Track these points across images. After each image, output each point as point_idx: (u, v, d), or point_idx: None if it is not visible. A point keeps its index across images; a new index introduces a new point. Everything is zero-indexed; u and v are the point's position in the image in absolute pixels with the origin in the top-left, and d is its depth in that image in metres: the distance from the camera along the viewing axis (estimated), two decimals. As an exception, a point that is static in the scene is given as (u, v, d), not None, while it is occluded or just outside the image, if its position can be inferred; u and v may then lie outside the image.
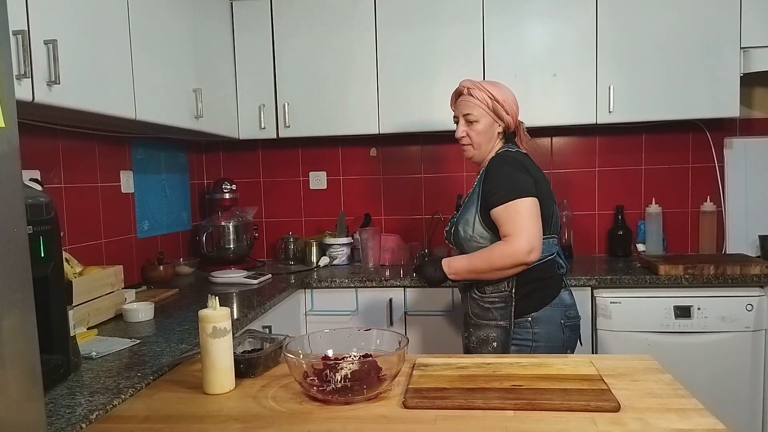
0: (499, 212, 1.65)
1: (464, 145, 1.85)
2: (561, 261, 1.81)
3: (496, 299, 1.73)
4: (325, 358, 1.17)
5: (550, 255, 1.74)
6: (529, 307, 1.71)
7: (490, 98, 1.79)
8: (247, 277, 2.41)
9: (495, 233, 1.69)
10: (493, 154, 1.82)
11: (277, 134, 2.75)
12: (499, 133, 1.83)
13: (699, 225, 2.78)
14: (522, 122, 1.92)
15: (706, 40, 2.45)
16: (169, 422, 1.04)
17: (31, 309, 0.83)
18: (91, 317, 1.69)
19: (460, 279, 1.74)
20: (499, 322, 1.72)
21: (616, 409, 1.01)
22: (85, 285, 1.68)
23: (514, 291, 1.71)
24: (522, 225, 1.61)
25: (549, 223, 1.73)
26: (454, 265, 1.72)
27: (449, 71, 2.61)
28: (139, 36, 1.86)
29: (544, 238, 1.67)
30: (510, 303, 1.71)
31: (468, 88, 1.82)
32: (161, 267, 2.41)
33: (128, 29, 1.81)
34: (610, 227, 2.85)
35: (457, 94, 1.87)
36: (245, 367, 1.22)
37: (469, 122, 1.81)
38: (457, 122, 1.86)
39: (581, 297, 2.34)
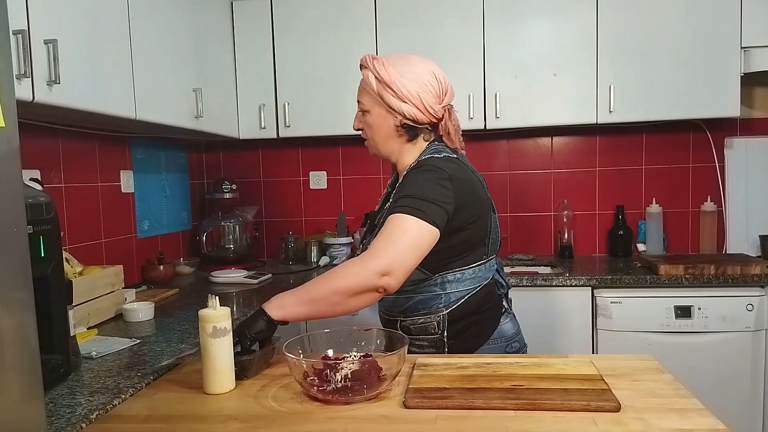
0: (387, 221, 1.27)
1: (365, 139, 1.47)
2: (502, 280, 1.49)
3: (425, 343, 1.41)
4: (326, 357, 1.17)
5: (487, 280, 1.42)
6: (463, 350, 1.39)
7: (376, 79, 1.37)
8: (248, 276, 2.41)
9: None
10: (416, 155, 1.41)
11: (278, 134, 2.75)
12: (398, 127, 1.39)
13: (699, 225, 2.78)
14: (451, 109, 1.45)
15: (707, 39, 2.45)
16: (170, 422, 1.04)
17: (31, 309, 0.83)
18: (91, 317, 1.69)
19: (295, 318, 1.25)
20: None
21: (617, 409, 1.00)
22: (85, 285, 1.68)
23: (445, 333, 1.39)
24: (392, 243, 1.22)
25: (487, 243, 1.42)
26: (282, 300, 1.23)
27: (449, 71, 2.58)
28: (139, 36, 1.86)
29: (476, 265, 1.39)
30: (442, 348, 1.40)
31: (363, 66, 1.40)
32: (161, 267, 2.41)
33: (128, 29, 1.81)
34: (611, 227, 2.85)
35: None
36: (238, 370, 1.21)
37: (362, 111, 1.42)
38: None
39: (582, 297, 2.34)
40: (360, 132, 1.46)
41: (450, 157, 1.39)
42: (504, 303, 1.50)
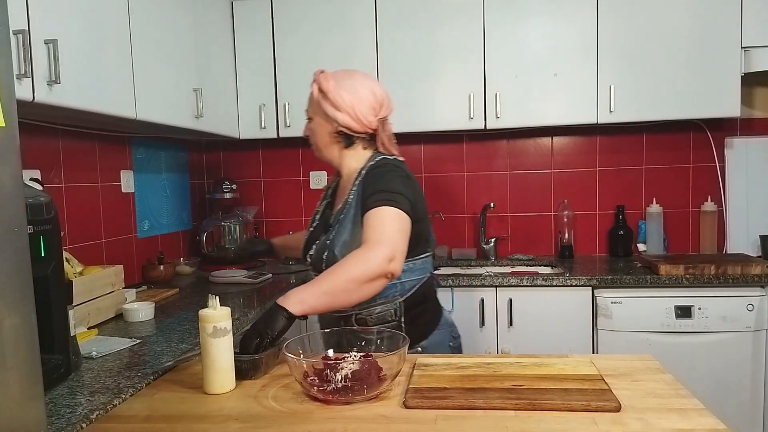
0: (368, 216, 1.36)
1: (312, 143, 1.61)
2: (436, 279, 1.65)
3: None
4: (326, 357, 1.17)
5: (430, 272, 1.58)
6: (418, 336, 1.49)
7: (317, 90, 1.52)
8: (248, 276, 2.41)
9: None
10: (362, 161, 1.54)
11: (278, 134, 2.75)
12: (334, 134, 1.52)
13: (700, 225, 2.78)
14: (385, 121, 1.56)
15: (707, 39, 2.45)
16: (170, 422, 1.04)
17: (31, 309, 0.83)
18: (91, 317, 1.69)
19: (316, 311, 1.31)
20: None
21: (617, 409, 1.00)
22: (85, 285, 1.68)
23: (402, 319, 1.49)
24: (387, 232, 1.33)
25: (429, 239, 1.56)
26: (299, 296, 1.26)
27: (450, 71, 2.61)
28: (139, 35, 1.86)
29: (424, 256, 1.52)
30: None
31: (314, 78, 1.54)
32: (161, 267, 2.41)
33: (129, 29, 1.81)
34: (611, 227, 2.85)
35: None
36: (248, 368, 1.22)
37: (308, 119, 1.58)
38: None
39: (582, 297, 2.34)
40: (306, 136, 1.60)
41: (398, 161, 1.54)
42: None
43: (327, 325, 1.49)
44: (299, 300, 1.25)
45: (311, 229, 1.64)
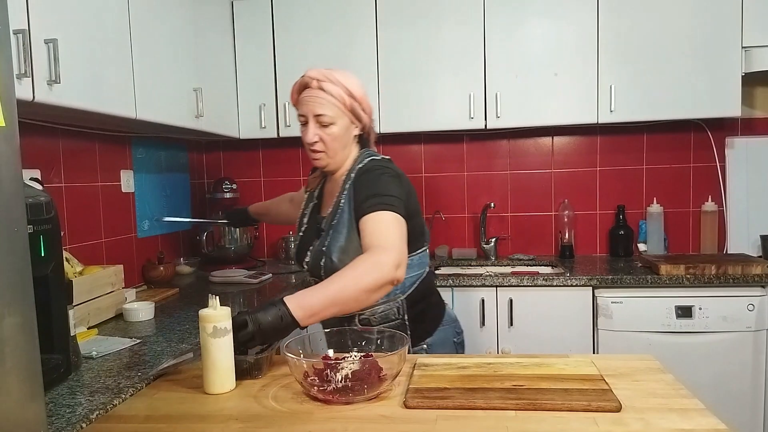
0: (367, 221, 1.35)
1: (317, 152, 1.50)
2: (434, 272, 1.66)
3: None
4: (326, 357, 1.17)
5: (428, 267, 1.57)
6: (423, 333, 1.50)
7: (347, 94, 1.46)
8: (248, 276, 2.41)
9: None
10: (350, 162, 1.52)
11: (278, 133, 2.75)
12: (355, 136, 1.52)
13: (700, 225, 2.78)
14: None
15: (708, 39, 2.45)
16: (170, 422, 1.03)
17: (31, 309, 0.83)
18: (91, 317, 1.69)
19: (319, 318, 1.25)
20: None
21: (618, 409, 1.00)
22: (85, 284, 1.68)
23: (406, 317, 1.48)
24: (390, 238, 1.32)
25: (423, 233, 1.54)
26: (310, 306, 1.21)
27: (450, 71, 2.61)
28: (139, 35, 1.85)
29: (421, 251, 1.52)
30: (405, 332, 1.42)
31: (318, 81, 1.45)
32: (161, 266, 2.41)
33: (129, 28, 1.81)
34: (612, 227, 2.85)
35: (302, 87, 1.48)
36: (250, 368, 1.22)
37: (323, 125, 1.46)
38: (304, 123, 1.49)
39: (582, 297, 2.34)
40: (315, 144, 1.48)
41: (385, 158, 1.53)
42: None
43: (329, 325, 1.41)
44: (311, 313, 1.21)
45: (300, 233, 1.61)
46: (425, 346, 1.50)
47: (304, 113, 1.48)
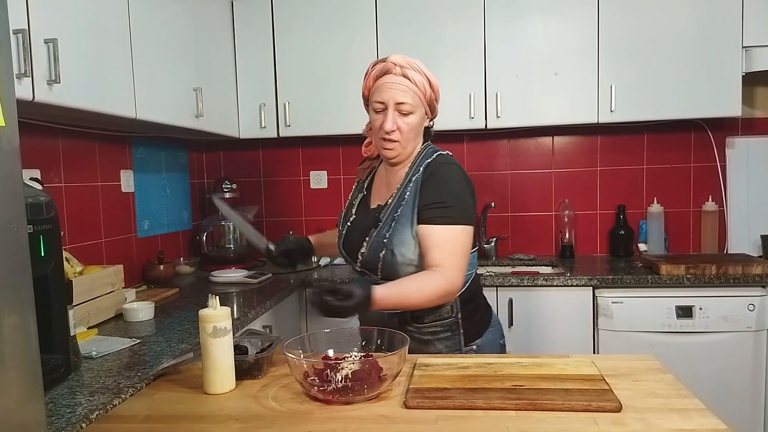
0: (437, 232, 1.37)
1: (392, 141, 1.43)
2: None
3: (439, 328, 1.46)
4: (326, 357, 1.17)
5: (477, 268, 1.56)
6: (473, 333, 1.49)
7: (429, 84, 1.43)
8: (248, 276, 2.41)
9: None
10: (415, 154, 1.49)
11: (278, 133, 2.75)
12: (424, 129, 1.51)
13: (701, 225, 2.78)
14: None
15: (708, 39, 2.45)
16: (170, 422, 1.03)
17: (31, 308, 0.83)
18: (91, 317, 1.69)
19: (381, 308, 1.34)
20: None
21: (618, 409, 1.00)
22: (85, 284, 1.67)
23: (459, 315, 1.46)
24: (459, 257, 1.36)
25: (476, 234, 1.51)
26: (381, 293, 1.28)
27: (450, 70, 2.61)
28: (139, 35, 1.85)
29: (473, 251, 1.48)
30: (457, 331, 1.46)
31: (402, 67, 1.41)
32: (161, 266, 2.41)
33: (128, 28, 1.81)
34: (612, 227, 2.84)
35: (382, 72, 1.43)
36: (250, 368, 1.22)
37: (402, 113, 1.41)
38: (381, 110, 1.43)
39: (583, 297, 2.34)
40: (393, 133, 1.42)
41: (450, 155, 1.51)
42: None
43: (375, 322, 1.41)
44: (381, 305, 1.29)
45: (349, 223, 1.54)
46: (474, 347, 1.48)
47: (383, 100, 1.41)
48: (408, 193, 1.43)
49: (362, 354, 1.19)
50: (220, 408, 1.08)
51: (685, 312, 2.25)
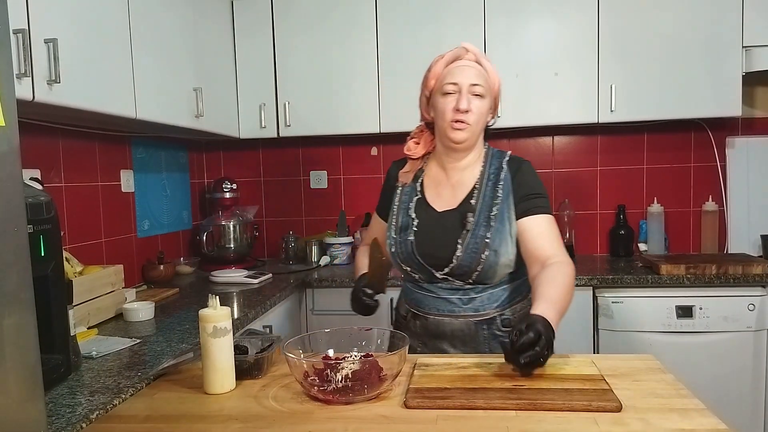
0: (541, 223, 1.39)
1: (463, 123, 1.39)
2: None
3: None
4: (326, 357, 1.17)
5: None
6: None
7: (496, 79, 1.45)
8: (248, 276, 2.41)
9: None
10: (481, 152, 1.49)
11: (278, 133, 2.75)
12: (485, 123, 1.48)
13: (701, 224, 2.78)
14: None
15: (708, 38, 2.45)
16: (170, 422, 1.03)
17: (31, 308, 0.83)
18: (91, 317, 1.69)
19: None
20: None
21: (618, 409, 1.00)
22: (85, 284, 1.67)
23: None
24: (564, 247, 1.42)
25: None
26: (551, 317, 1.24)
27: (450, 70, 2.60)
28: (139, 35, 1.85)
29: None
30: None
31: (475, 54, 1.41)
32: (162, 266, 2.41)
33: (129, 28, 1.80)
34: (612, 227, 2.84)
35: (454, 58, 1.42)
36: (250, 367, 1.22)
37: (475, 95, 1.39)
38: (452, 92, 1.40)
39: (583, 297, 2.34)
40: (467, 113, 1.39)
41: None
42: None
43: (465, 332, 1.40)
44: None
45: (415, 228, 1.45)
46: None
47: (457, 81, 1.39)
48: (500, 191, 1.42)
49: (362, 354, 1.19)
50: (220, 408, 1.08)
51: (685, 312, 2.25)
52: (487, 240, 1.38)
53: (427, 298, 1.47)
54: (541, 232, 1.39)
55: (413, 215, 1.48)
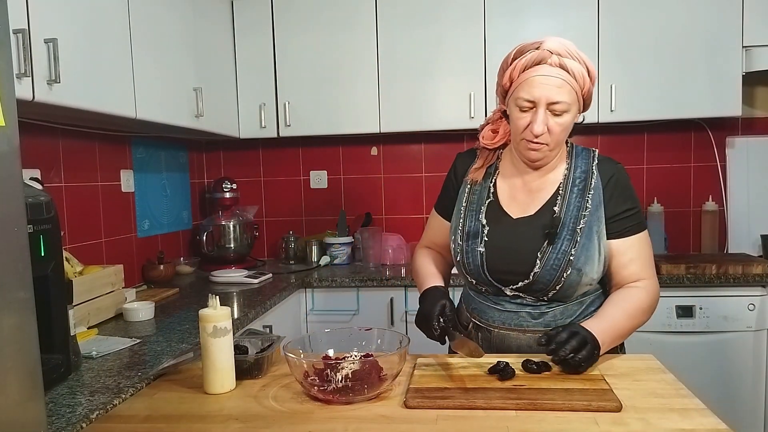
0: (634, 244, 1.25)
1: (540, 144, 1.23)
2: None
3: None
4: (326, 357, 1.17)
5: None
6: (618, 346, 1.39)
7: (587, 73, 1.21)
8: (248, 276, 2.41)
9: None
10: (565, 153, 1.31)
11: (278, 133, 2.75)
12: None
13: (701, 224, 2.78)
14: None
15: (708, 38, 2.45)
16: (170, 422, 1.03)
17: (31, 308, 0.83)
18: (91, 316, 1.69)
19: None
20: None
21: (618, 409, 1.00)
22: (85, 284, 1.67)
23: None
24: (653, 263, 1.28)
25: None
26: (602, 337, 1.18)
27: (451, 70, 2.61)
28: (139, 35, 1.85)
29: None
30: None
31: (559, 56, 1.18)
32: (162, 266, 2.41)
33: (128, 28, 1.80)
34: (612, 226, 2.84)
35: (534, 62, 1.20)
36: (250, 367, 1.22)
37: (555, 113, 1.20)
38: (527, 109, 1.22)
39: (582, 296, 2.34)
40: (542, 136, 1.21)
41: (597, 152, 1.36)
42: None
43: (533, 349, 1.26)
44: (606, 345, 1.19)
45: (486, 239, 1.30)
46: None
47: (533, 98, 1.19)
48: (589, 202, 1.26)
49: (362, 354, 1.19)
50: (220, 408, 1.08)
51: (685, 312, 2.25)
52: (571, 258, 1.23)
53: (491, 310, 1.32)
54: (632, 259, 1.25)
55: (484, 221, 1.32)
